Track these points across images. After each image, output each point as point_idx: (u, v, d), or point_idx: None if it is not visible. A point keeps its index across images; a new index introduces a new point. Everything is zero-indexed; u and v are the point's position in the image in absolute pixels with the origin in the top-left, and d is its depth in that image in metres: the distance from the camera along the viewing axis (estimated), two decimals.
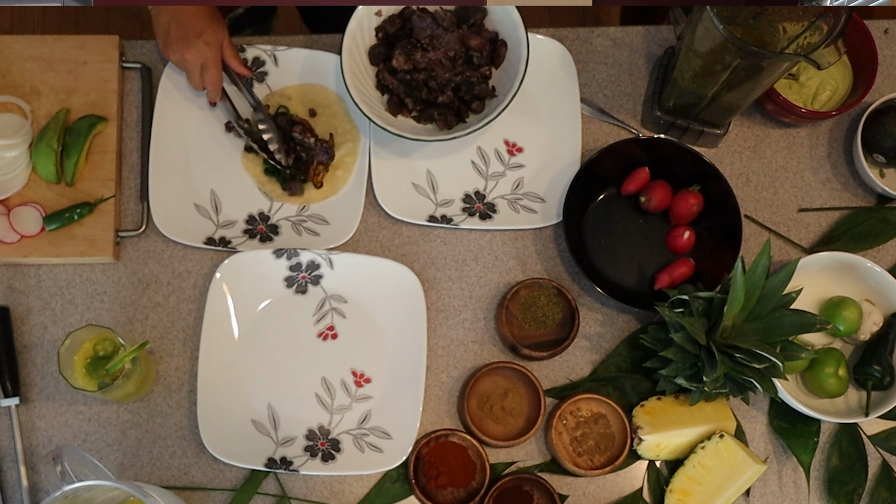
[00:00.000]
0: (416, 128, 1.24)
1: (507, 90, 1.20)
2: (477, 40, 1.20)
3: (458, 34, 1.21)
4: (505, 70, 1.23)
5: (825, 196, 1.32)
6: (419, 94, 1.22)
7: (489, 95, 1.23)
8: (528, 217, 1.26)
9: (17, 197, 1.21)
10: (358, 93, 1.19)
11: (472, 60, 1.22)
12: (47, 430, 1.17)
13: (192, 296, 1.22)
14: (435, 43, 1.20)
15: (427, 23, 1.20)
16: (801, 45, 1.11)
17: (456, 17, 1.22)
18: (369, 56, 1.24)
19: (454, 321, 1.24)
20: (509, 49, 1.22)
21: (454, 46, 1.21)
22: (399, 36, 1.22)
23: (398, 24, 1.22)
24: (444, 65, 1.20)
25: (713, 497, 1.15)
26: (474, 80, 1.22)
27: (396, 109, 1.23)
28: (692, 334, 1.08)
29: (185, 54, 1.18)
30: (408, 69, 1.20)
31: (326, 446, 1.17)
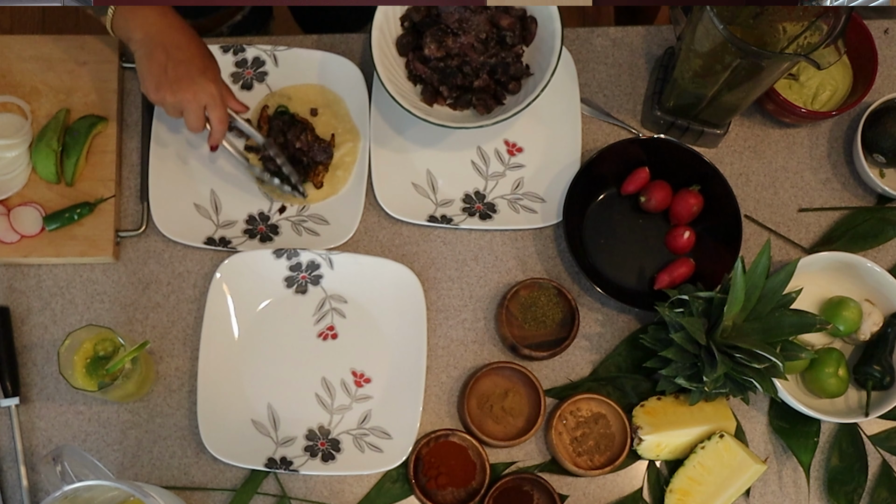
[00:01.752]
0: (453, 115, 1.22)
1: (542, 67, 1.18)
2: (508, 19, 1.18)
3: (487, 15, 1.18)
4: (537, 46, 1.21)
5: (825, 196, 1.32)
6: (454, 81, 1.20)
7: (525, 74, 1.21)
8: (528, 217, 1.26)
9: (17, 197, 1.21)
10: (393, 86, 1.16)
11: (504, 41, 1.20)
12: (47, 430, 1.17)
13: (192, 296, 1.22)
14: (465, 26, 1.17)
15: (454, 7, 1.17)
16: (801, 45, 1.11)
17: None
18: (397, 47, 1.21)
19: (454, 321, 1.24)
20: (540, 25, 1.20)
21: (485, 28, 1.18)
22: (426, 23, 1.20)
23: (423, 12, 1.20)
24: (476, 48, 1.18)
25: (713, 497, 1.15)
26: (509, 60, 1.19)
27: (432, 99, 1.21)
28: (692, 334, 1.08)
29: (188, 94, 1.09)
30: (440, 56, 1.18)
31: (326, 446, 1.17)
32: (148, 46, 1.09)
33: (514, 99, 1.20)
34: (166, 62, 1.08)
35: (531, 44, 1.22)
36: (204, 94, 1.10)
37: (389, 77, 1.18)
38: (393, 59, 1.21)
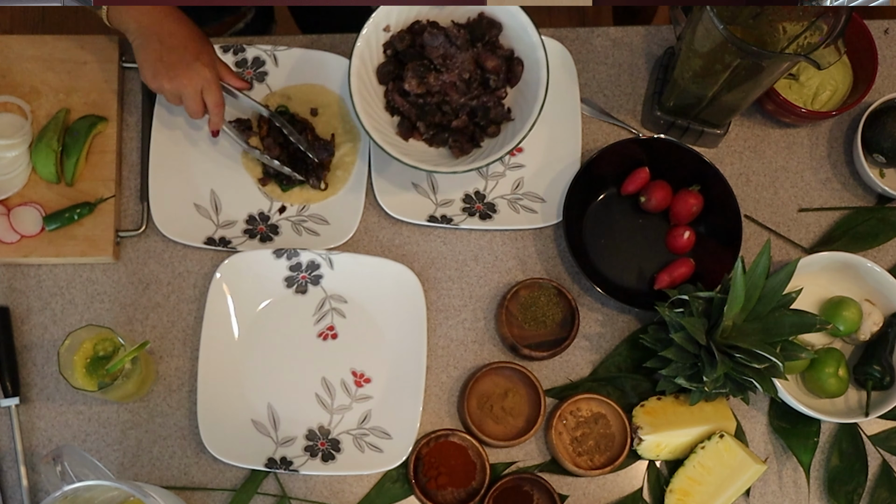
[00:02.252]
0: (428, 152, 1.19)
1: (523, 113, 1.14)
2: (493, 61, 1.13)
3: (473, 53, 1.14)
4: (521, 90, 1.18)
5: (825, 196, 1.32)
6: (432, 118, 1.16)
7: (506, 119, 1.18)
8: (528, 217, 1.26)
9: (17, 197, 1.21)
10: (368, 118, 1.13)
11: (488, 83, 1.16)
12: (47, 430, 1.17)
13: (192, 296, 1.22)
14: (448, 63, 1.13)
15: (440, 41, 1.13)
16: (801, 45, 1.11)
17: (469, 34, 1.15)
18: (377, 75, 1.17)
19: (454, 321, 1.24)
20: (526, 68, 1.17)
21: (468, 67, 1.13)
22: (409, 54, 1.16)
23: (407, 41, 1.15)
24: (458, 88, 1.13)
25: (713, 497, 1.15)
26: (490, 104, 1.16)
27: (408, 133, 1.17)
28: (692, 334, 1.08)
29: (184, 79, 1.11)
30: (420, 92, 1.14)
31: (326, 446, 1.17)
32: (143, 36, 1.11)
33: (492, 143, 1.16)
34: (161, 50, 1.10)
35: (516, 86, 1.19)
36: (199, 79, 1.11)
37: (366, 108, 1.14)
38: (372, 87, 1.17)
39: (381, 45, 1.15)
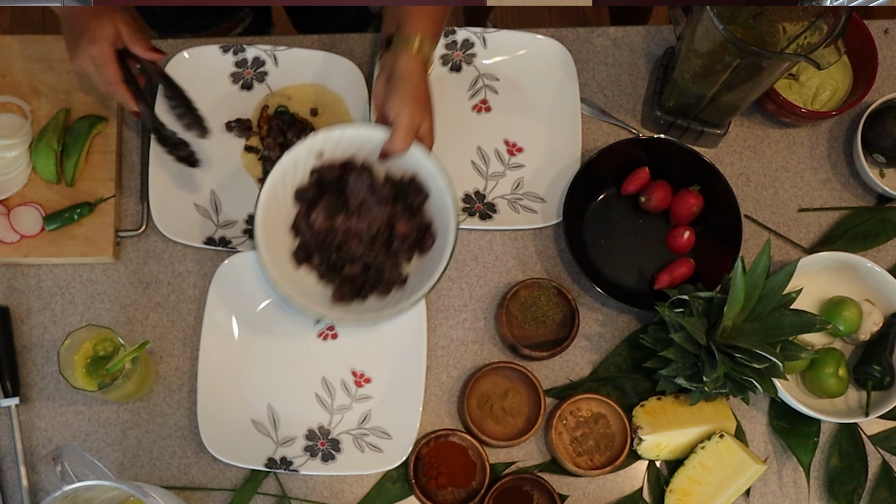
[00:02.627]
0: (315, 287, 1.13)
1: (418, 282, 1.10)
2: (404, 227, 1.10)
3: (390, 211, 1.10)
4: (427, 258, 1.13)
5: (825, 196, 1.32)
6: (326, 255, 1.12)
7: (398, 284, 1.13)
8: (528, 217, 1.26)
9: (17, 197, 1.21)
10: (264, 232, 1.07)
11: (391, 245, 1.12)
12: (47, 430, 1.17)
13: (192, 296, 1.22)
14: (362, 211, 1.09)
15: (363, 186, 1.09)
16: (801, 45, 1.11)
17: (395, 191, 1.11)
18: (295, 194, 1.12)
19: (454, 321, 1.24)
20: (436, 245, 1.12)
21: (379, 222, 1.09)
22: (331, 187, 1.11)
23: (336, 173, 1.11)
24: (361, 239, 1.10)
25: (713, 497, 1.15)
26: (386, 266, 1.12)
27: (302, 259, 1.12)
28: (692, 334, 1.08)
29: (78, 59, 1.08)
30: (324, 229, 1.10)
31: (326, 446, 1.17)
32: (61, 20, 1.10)
33: (378, 302, 1.12)
34: (64, 32, 1.10)
35: (425, 255, 1.14)
36: (87, 57, 1.07)
37: (267, 222, 1.09)
38: (286, 204, 1.12)
39: (309, 168, 1.11)
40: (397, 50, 1.07)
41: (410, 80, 1.06)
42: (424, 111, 1.08)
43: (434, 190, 1.09)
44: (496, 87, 1.33)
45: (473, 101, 1.32)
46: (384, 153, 1.09)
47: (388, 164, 1.10)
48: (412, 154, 1.07)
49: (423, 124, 1.08)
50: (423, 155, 1.08)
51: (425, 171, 1.09)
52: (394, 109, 1.06)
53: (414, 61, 1.07)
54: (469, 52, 1.33)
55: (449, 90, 1.32)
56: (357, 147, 1.10)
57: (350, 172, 1.10)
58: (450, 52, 1.32)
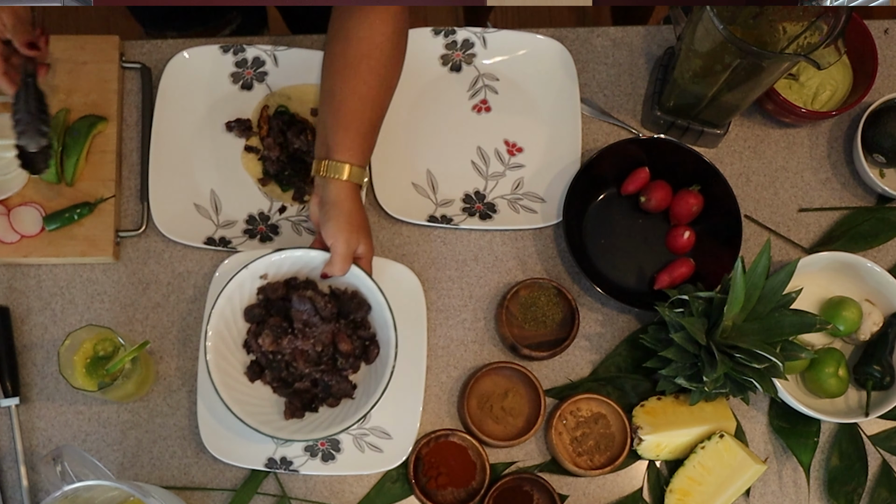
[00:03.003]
0: (272, 397, 1.15)
1: (368, 389, 1.12)
2: (347, 345, 1.12)
3: (333, 328, 1.13)
4: (374, 367, 1.15)
5: (825, 196, 1.32)
6: (277, 373, 1.14)
7: (347, 395, 1.15)
8: (528, 217, 1.26)
9: (17, 197, 1.21)
10: (216, 356, 1.09)
11: (336, 363, 1.15)
12: (47, 430, 1.17)
13: (192, 296, 1.22)
14: (307, 331, 1.11)
15: (305, 307, 1.11)
16: (801, 45, 1.11)
17: (339, 307, 1.14)
18: (245, 313, 1.14)
19: (454, 321, 1.24)
20: (380, 354, 1.15)
21: (324, 340, 1.12)
22: (277, 306, 1.14)
23: (281, 292, 1.14)
24: (308, 357, 1.12)
25: (713, 497, 1.15)
26: (333, 382, 1.14)
27: (255, 376, 1.14)
28: (692, 334, 1.08)
29: None
30: (272, 350, 1.12)
31: (326, 446, 1.17)
32: None
33: (331, 413, 1.14)
34: None
35: (371, 365, 1.16)
36: None
37: (219, 344, 1.11)
38: (235, 322, 1.14)
39: (255, 287, 1.14)
40: (328, 178, 1.09)
41: (343, 207, 1.09)
42: (360, 235, 1.10)
43: (374, 305, 1.13)
44: (496, 87, 1.33)
45: (473, 101, 1.32)
46: (324, 275, 1.12)
47: (331, 280, 1.14)
48: (352, 274, 1.11)
49: (359, 247, 1.11)
50: (361, 275, 1.11)
51: (365, 289, 1.13)
52: (330, 237, 1.09)
53: (344, 188, 1.09)
54: (469, 52, 1.33)
55: (449, 90, 1.32)
56: (299, 267, 1.14)
57: (294, 290, 1.13)
58: (450, 52, 1.32)
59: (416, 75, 1.31)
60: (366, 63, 1.08)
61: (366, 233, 1.12)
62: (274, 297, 1.14)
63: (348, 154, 1.09)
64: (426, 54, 1.32)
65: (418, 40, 1.30)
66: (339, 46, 1.09)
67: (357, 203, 1.11)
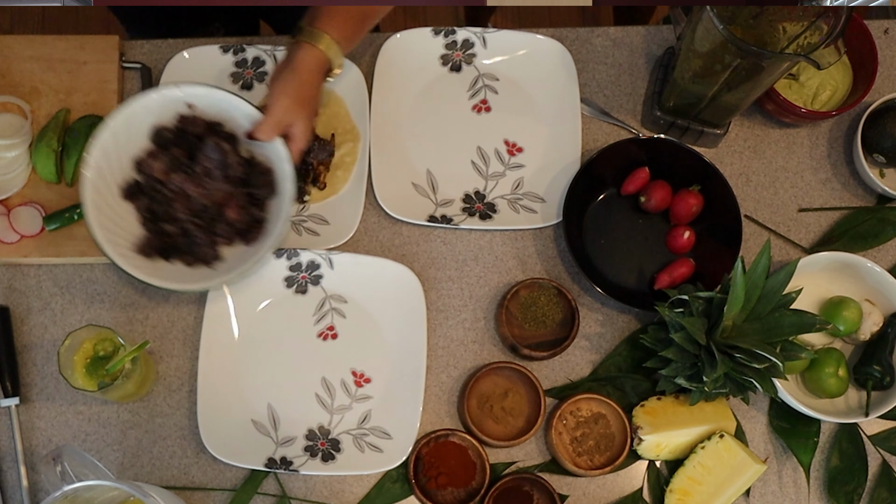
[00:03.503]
0: (134, 230, 1.10)
1: (231, 269, 1.07)
2: (235, 214, 1.06)
3: (231, 191, 1.06)
4: (250, 251, 1.11)
5: (825, 196, 1.32)
6: (153, 203, 1.08)
7: (206, 262, 1.09)
8: (528, 217, 1.26)
9: (17, 197, 1.21)
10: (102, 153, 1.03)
11: (214, 225, 1.08)
12: (47, 430, 1.17)
13: (192, 296, 1.22)
14: (203, 181, 1.05)
15: (215, 156, 1.05)
16: (801, 45, 1.11)
17: (246, 175, 1.08)
18: (154, 131, 1.08)
19: (454, 321, 1.24)
20: (259, 241, 1.09)
21: (216, 197, 1.06)
22: (190, 141, 1.07)
23: (199, 130, 1.07)
24: (190, 204, 1.06)
25: (713, 497, 1.15)
26: (200, 241, 1.08)
27: (130, 195, 1.08)
28: (692, 334, 1.08)
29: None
30: (158, 179, 1.06)
31: (326, 446, 1.17)
32: None
33: (180, 270, 1.08)
34: None
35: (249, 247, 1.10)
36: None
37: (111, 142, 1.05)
38: (139, 135, 1.08)
39: (178, 112, 1.07)
40: (301, 41, 1.04)
41: (299, 75, 1.04)
42: (300, 110, 1.05)
43: (281, 193, 1.06)
44: (496, 87, 1.33)
45: (473, 101, 1.32)
46: (248, 133, 1.06)
47: (253, 145, 1.07)
48: (275, 149, 1.04)
49: (296, 124, 1.06)
50: (284, 155, 1.05)
51: (279, 172, 1.07)
52: (271, 97, 1.04)
53: (313, 56, 1.04)
54: (469, 52, 1.33)
55: (449, 90, 1.32)
56: (227, 116, 1.07)
57: (213, 135, 1.07)
58: (450, 52, 1.32)
59: (416, 75, 1.31)
60: None
61: (307, 114, 1.05)
62: (190, 131, 1.07)
63: (332, 26, 1.03)
64: (426, 54, 1.32)
65: (418, 40, 1.31)
66: None
67: (316, 78, 1.05)
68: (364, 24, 1.08)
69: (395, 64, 1.30)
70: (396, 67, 1.30)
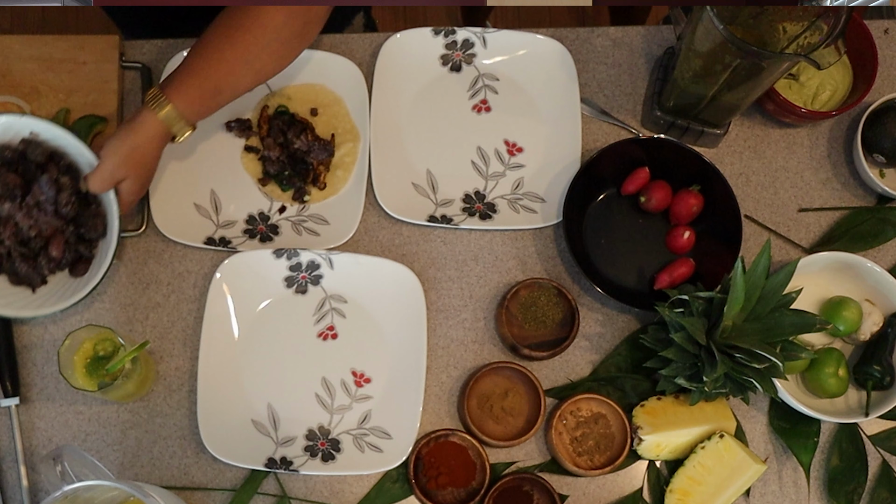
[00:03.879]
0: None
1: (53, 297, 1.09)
2: (58, 252, 1.08)
3: (59, 227, 1.07)
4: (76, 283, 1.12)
5: (825, 196, 1.32)
6: None
7: (29, 285, 1.11)
8: (528, 217, 1.26)
9: None
10: None
11: (38, 257, 1.09)
12: (47, 430, 1.17)
13: (192, 296, 1.22)
14: (33, 213, 1.06)
15: (49, 192, 1.05)
16: (801, 45, 1.11)
17: (78, 214, 1.09)
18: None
19: (454, 321, 1.24)
20: (84, 278, 1.11)
21: (44, 231, 1.07)
22: (28, 169, 1.07)
23: (41, 159, 1.08)
24: (17, 233, 1.07)
25: (713, 497, 1.15)
26: (22, 268, 1.08)
27: None
28: (692, 334, 1.08)
29: None
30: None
31: (326, 446, 1.17)
32: None
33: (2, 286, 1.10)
34: None
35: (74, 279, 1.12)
36: None
37: None
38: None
39: (22, 135, 1.08)
40: (147, 104, 1.06)
41: (136, 138, 1.06)
42: (131, 171, 1.07)
43: (110, 236, 1.10)
44: (496, 87, 1.33)
45: (473, 101, 1.32)
46: (84, 178, 1.08)
47: None
48: (107, 199, 1.08)
49: (125, 182, 1.08)
50: (114, 207, 1.09)
51: (111, 217, 1.10)
52: (104, 150, 1.06)
53: (152, 124, 1.06)
54: (469, 52, 1.33)
55: (449, 90, 1.32)
56: (65, 149, 1.10)
57: (55, 167, 1.08)
58: (450, 52, 1.32)
59: (416, 75, 1.31)
60: (258, 44, 1.04)
61: (138, 174, 1.07)
62: (31, 159, 1.08)
63: (180, 97, 1.05)
64: (426, 54, 1.32)
65: (418, 40, 1.31)
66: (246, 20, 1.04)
67: (152, 146, 1.06)
68: (216, 99, 1.08)
69: (395, 64, 1.30)
70: (396, 67, 1.30)
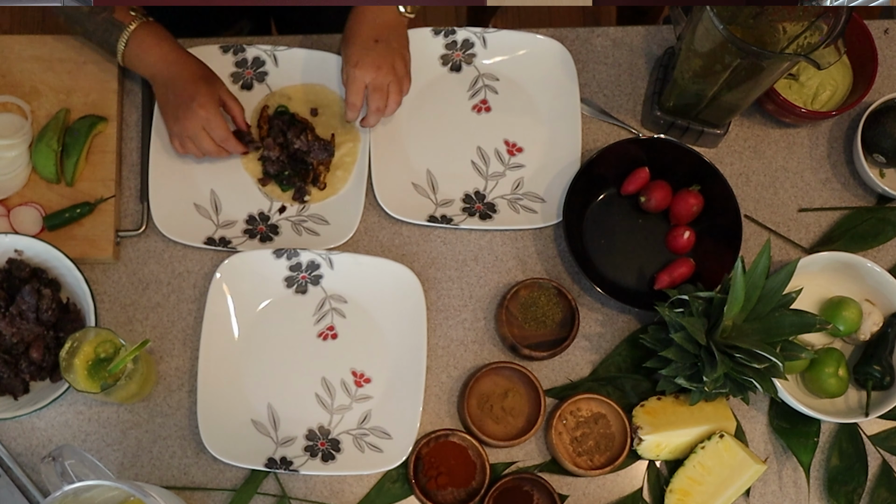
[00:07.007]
0: None
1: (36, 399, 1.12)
2: (38, 355, 1.12)
3: (40, 332, 1.12)
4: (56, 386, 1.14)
5: (825, 196, 1.32)
6: None
7: (12, 393, 1.14)
8: (528, 217, 1.26)
9: (17, 197, 1.21)
10: None
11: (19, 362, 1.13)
12: (47, 430, 1.17)
13: (192, 296, 1.22)
14: (16, 321, 1.11)
15: (30, 301, 1.11)
16: (801, 45, 1.11)
17: (58, 319, 1.14)
18: None
19: (454, 321, 1.24)
20: None
21: (25, 338, 1.11)
22: (12, 284, 1.13)
23: (25, 275, 1.13)
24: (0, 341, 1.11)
25: (713, 497, 1.15)
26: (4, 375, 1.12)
27: None
28: (692, 334, 1.08)
29: (184, 122, 1.17)
30: None
31: (326, 446, 1.17)
32: (156, 85, 1.20)
33: None
34: (167, 94, 1.18)
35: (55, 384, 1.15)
36: (196, 119, 1.16)
37: None
38: None
39: (8, 255, 1.13)
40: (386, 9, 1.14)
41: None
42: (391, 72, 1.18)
43: None
44: (496, 87, 1.33)
45: (473, 101, 1.32)
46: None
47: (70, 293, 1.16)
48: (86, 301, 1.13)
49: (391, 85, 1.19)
50: (91, 307, 1.12)
51: (88, 320, 1.14)
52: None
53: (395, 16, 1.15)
54: (469, 52, 1.33)
55: (449, 90, 1.32)
56: (53, 265, 1.15)
57: (38, 281, 1.14)
58: (450, 52, 1.32)
59: (416, 75, 1.31)
60: None
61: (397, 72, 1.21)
62: (16, 275, 1.14)
63: None
64: (426, 54, 1.32)
65: (418, 40, 1.31)
66: None
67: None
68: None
69: None
70: None
